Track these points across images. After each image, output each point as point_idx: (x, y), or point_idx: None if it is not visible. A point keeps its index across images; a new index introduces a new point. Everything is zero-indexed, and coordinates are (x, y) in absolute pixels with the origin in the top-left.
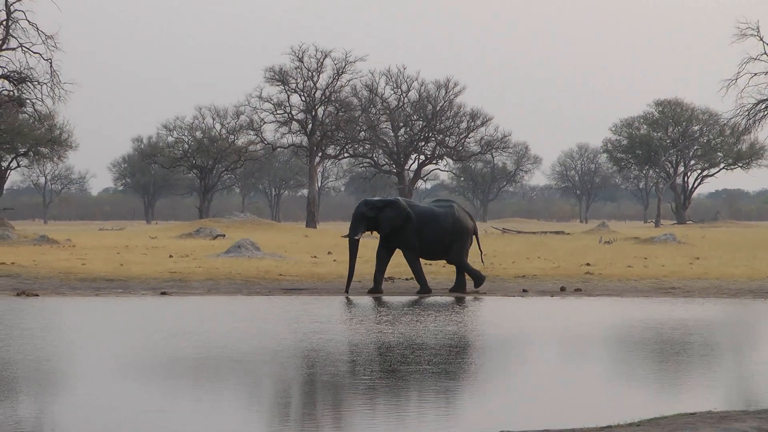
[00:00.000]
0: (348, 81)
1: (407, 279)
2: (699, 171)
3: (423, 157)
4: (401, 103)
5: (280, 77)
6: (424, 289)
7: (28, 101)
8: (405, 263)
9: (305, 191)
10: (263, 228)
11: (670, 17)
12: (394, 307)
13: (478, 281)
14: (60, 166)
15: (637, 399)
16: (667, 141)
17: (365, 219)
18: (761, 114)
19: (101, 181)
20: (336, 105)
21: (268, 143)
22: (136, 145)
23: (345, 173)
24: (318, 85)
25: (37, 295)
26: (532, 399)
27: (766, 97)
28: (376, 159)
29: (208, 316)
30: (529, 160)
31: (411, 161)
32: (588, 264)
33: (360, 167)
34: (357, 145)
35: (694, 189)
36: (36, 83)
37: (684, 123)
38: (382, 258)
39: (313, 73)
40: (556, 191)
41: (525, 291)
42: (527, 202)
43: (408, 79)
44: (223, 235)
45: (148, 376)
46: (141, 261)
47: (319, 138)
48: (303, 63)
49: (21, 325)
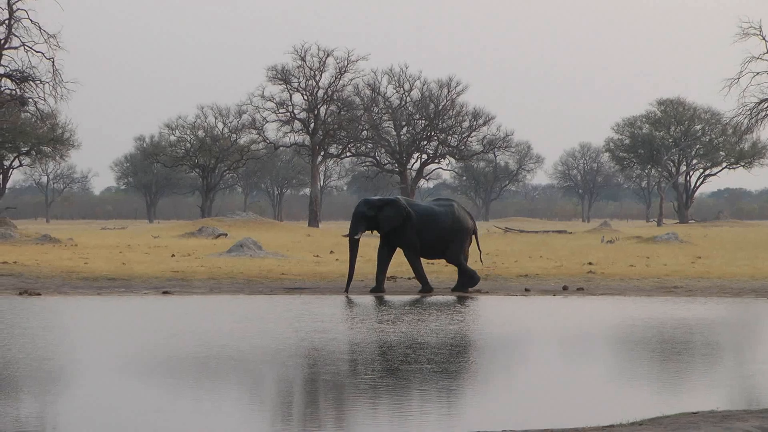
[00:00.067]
0: (350, 80)
1: (409, 278)
2: (701, 170)
3: (425, 157)
4: (403, 102)
5: (282, 76)
6: (425, 288)
7: (30, 100)
8: (407, 262)
9: (307, 190)
10: (265, 227)
11: (672, 16)
12: (395, 307)
13: (471, 281)
14: (62, 165)
15: (639, 398)
16: (670, 140)
17: (365, 218)
18: (763, 113)
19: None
20: (338, 104)
21: (270, 142)
22: (138, 144)
23: (347, 172)
24: (320, 84)
25: (40, 294)
26: (534, 398)
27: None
28: (378, 158)
29: (209, 315)
30: (532, 159)
31: (413, 160)
32: (590, 263)
33: (362, 166)
34: (359, 144)
35: (696, 188)
36: (38, 82)
37: (686, 122)
38: (383, 257)
39: (316, 72)
40: (558, 190)
41: (527, 290)
42: (529, 201)
43: (410, 78)
44: (226, 234)
45: (149, 375)
46: (143, 260)
47: (322, 137)
48: (305, 62)
49: (23, 324)
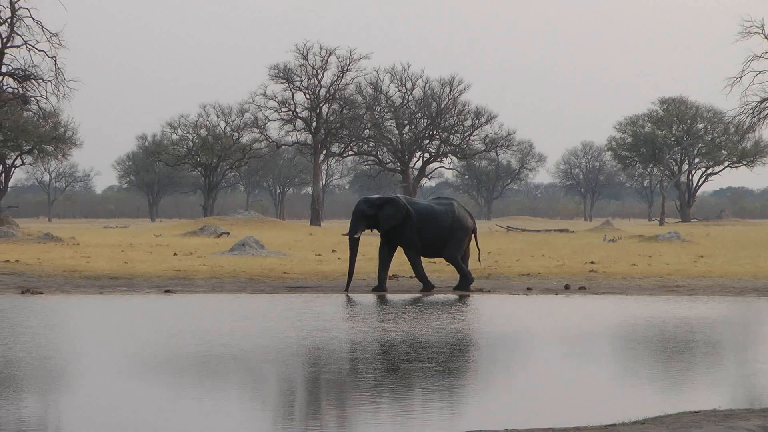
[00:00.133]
0: (352, 79)
1: (411, 277)
2: (703, 169)
3: (427, 155)
4: (405, 101)
5: (284, 75)
6: (426, 287)
7: (32, 99)
8: (408, 261)
9: (310, 189)
10: (267, 226)
11: (674, 15)
12: (397, 305)
13: (464, 282)
14: (64, 163)
15: (642, 397)
16: (672, 139)
17: (365, 217)
18: (766, 112)
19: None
20: (340, 103)
21: (272, 141)
22: (140, 143)
23: (349, 171)
24: (322, 83)
25: (42, 293)
26: (536, 397)
27: None
28: (380, 157)
29: (211, 314)
30: (534, 158)
31: (415, 159)
32: (592, 262)
33: (364, 165)
34: (361, 143)
35: (698, 187)
36: (40, 81)
37: (688, 121)
38: (384, 256)
39: (318, 71)
40: (560, 189)
41: (529, 289)
42: (531, 200)
43: (412, 77)
44: (228, 233)
45: (151, 374)
46: (145, 259)
47: (324, 136)
48: (307, 61)
49: (25, 323)
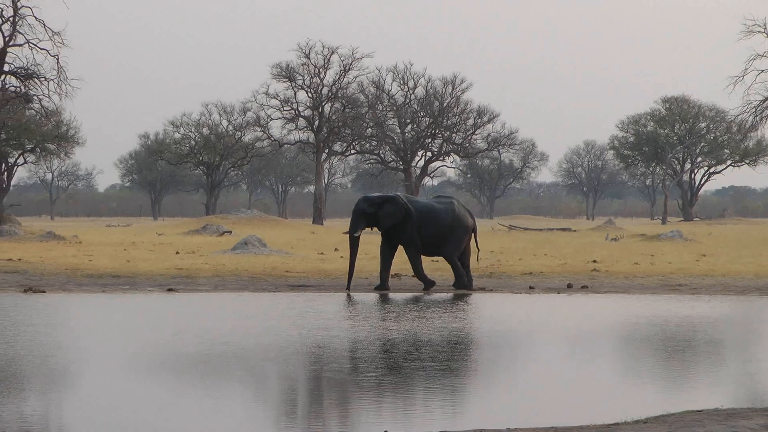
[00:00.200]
0: (355, 77)
1: (413, 276)
2: (706, 168)
3: (430, 154)
4: (408, 100)
5: (286, 74)
6: (427, 285)
7: (35, 97)
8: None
9: (312, 188)
10: (270, 224)
11: (677, 14)
12: (399, 304)
13: (458, 281)
14: (67, 162)
15: (644, 396)
16: (674, 138)
17: (365, 215)
18: None
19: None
20: (343, 101)
21: (274, 140)
22: (142, 142)
23: (352, 170)
24: (325, 82)
25: (44, 292)
26: (538, 396)
27: None
28: (382, 156)
29: (213, 312)
30: (536, 156)
31: (418, 158)
32: (594, 261)
33: (367, 164)
34: (364, 142)
35: (700, 186)
36: (43, 79)
37: (691, 120)
38: (385, 255)
39: (320, 70)
40: (562, 188)
41: (532, 288)
42: (534, 199)
43: (415, 76)
44: (230, 232)
45: (152, 373)
46: (148, 257)
47: (326, 134)
48: (310, 59)
49: (27, 322)
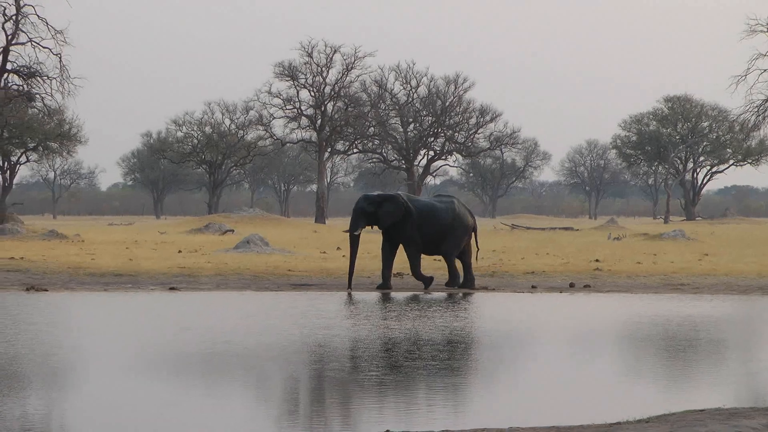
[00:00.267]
0: (357, 76)
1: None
2: (708, 167)
3: (432, 153)
4: (410, 99)
5: (289, 72)
6: (426, 284)
7: (37, 96)
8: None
9: (314, 187)
10: (272, 223)
11: (679, 13)
12: (401, 303)
13: (452, 281)
14: (69, 160)
15: (646, 395)
16: (677, 137)
17: (365, 214)
18: None
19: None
20: (345, 100)
21: (277, 138)
22: (145, 140)
23: (354, 169)
24: (327, 81)
25: (46, 290)
26: (539, 395)
27: None
28: (385, 155)
29: (215, 311)
30: (539, 156)
31: (420, 157)
32: (597, 260)
33: (369, 163)
34: (366, 141)
35: (703, 185)
36: (45, 78)
37: (693, 119)
38: (386, 254)
39: (323, 69)
40: (565, 187)
41: (534, 287)
42: (536, 198)
43: (417, 75)
44: (232, 231)
45: (154, 371)
46: (150, 256)
47: (329, 133)
48: (312, 58)
49: (29, 320)
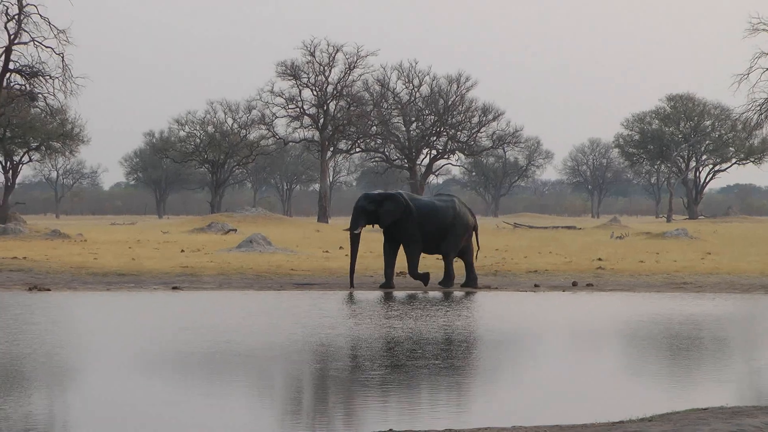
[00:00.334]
0: (359, 75)
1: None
2: (711, 166)
3: (435, 152)
4: (413, 98)
5: (291, 72)
6: (424, 282)
7: (40, 95)
8: (422, 258)
9: (317, 186)
10: (275, 223)
11: (681, 12)
12: (403, 302)
13: (446, 281)
14: (72, 160)
15: (649, 394)
16: (679, 136)
17: (365, 212)
18: None
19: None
20: (348, 99)
21: (279, 138)
22: (147, 140)
23: (356, 168)
24: (330, 80)
25: (49, 290)
26: (542, 394)
27: None
28: (387, 154)
29: (218, 310)
30: (541, 154)
31: (423, 156)
32: (600, 259)
33: (371, 162)
34: (368, 140)
35: (705, 184)
36: (48, 77)
37: (696, 118)
38: (388, 253)
39: (325, 68)
40: (567, 186)
41: (537, 286)
42: (539, 197)
43: (420, 74)
44: (235, 230)
45: (156, 370)
46: (152, 256)
47: (331, 133)
48: (314, 57)
49: (31, 320)
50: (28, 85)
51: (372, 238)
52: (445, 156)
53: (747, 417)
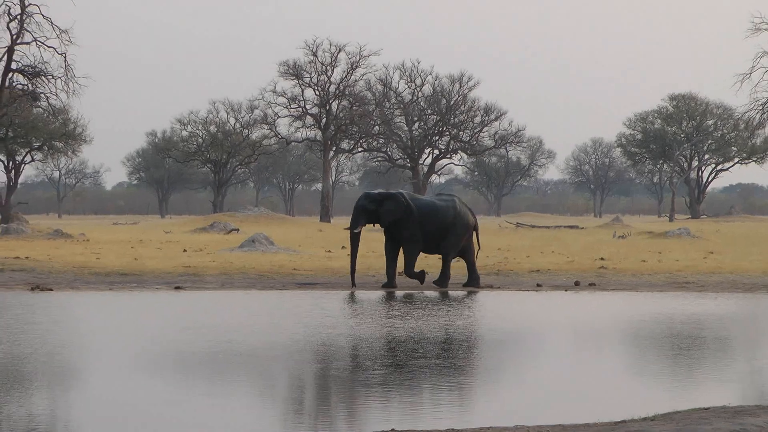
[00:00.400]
0: (362, 75)
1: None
2: (713, 165)
3: (437, 152)
4: (415, 98)
5: (294, 71)
6: (421, 280)
7: (42, 95)
8: (422, 257)
9: (319, 186)
10: (277, 222)
11: (683, 11)
12: (405, 302)
13: (441, 281)
14: (74, 160)
15: (651, 394)
16: (682, 135)
17: (365, 212)
18: None
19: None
20: (350, 99)
21: (282, 137)
22: (150, 140)
23: (359, 168)
24: (332, 80)
25: (51, 290)
26: (545, 394)
27: None
28: (390, 153)
29: (220, 310)
30: (543, 154)
31: (425, 155)
32: (602, 258)
33: (374, 162)
34: (371, 140)
35: (708, 183)
36: (50, 77)
37: (698, 117)
38: (389, 252)
39: (327, 68)
40: (570, 186)
41: (539, 285)
42: (541, 196)
43: (422, 74)
44: (237, 230)
45: (158, 370)
46: (155, 255)
47: (333, 132)
48: (317, 57)
49: (33, 320)
50: (30, 85)
51: (374, 237)
52: (448, 156)
53: (749, 416)
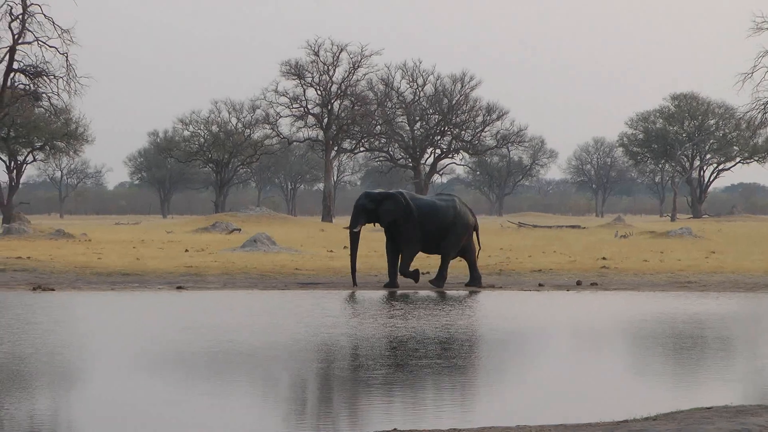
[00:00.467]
0: (364, 75)
1: (423, 273)
2: (715, 165)
3: (439, 151)
4: (417, 97)
5: (296, 71)
6: (416, 279)
7: (44, 95)
8: (424, 257)
9: (321, 185)
10: (279, 222)
11: (685, 10)
12: (407, 302)
13: (438, 281)
14: (76, 160)
15: (653, 393)
16: (683, 135)
17: (365, 211)
18: None
19: (117, 175)
20: (352, 99)
21: (283, 137)
22: (152, 139)
23: (361, 167)
24: (334, 79)
25: (53, 290)
26: (546, 393)
27: None
28: (392, 153)
29: (222, 310)
30: (545, 154)
31: (427, 155)
32: (604, 258)
33: (376, 161)
34: (373, 139)
35: (710, 183)
36: (52, 77)
37: (700, 117)
38: (390, 252)
39: (329, 67)
40: (571, 185)
41: (541, 285)
42: (543, 196)
43: (424, 73)
44: (239, 230)
45: (160, 370)
46: (157, 255)
47: (335, 132)
48: (319, 57)
49: (34, 320)
50: (32, 85)
51: (375, 237)
52: (450, 155)
53: (751, 416)
